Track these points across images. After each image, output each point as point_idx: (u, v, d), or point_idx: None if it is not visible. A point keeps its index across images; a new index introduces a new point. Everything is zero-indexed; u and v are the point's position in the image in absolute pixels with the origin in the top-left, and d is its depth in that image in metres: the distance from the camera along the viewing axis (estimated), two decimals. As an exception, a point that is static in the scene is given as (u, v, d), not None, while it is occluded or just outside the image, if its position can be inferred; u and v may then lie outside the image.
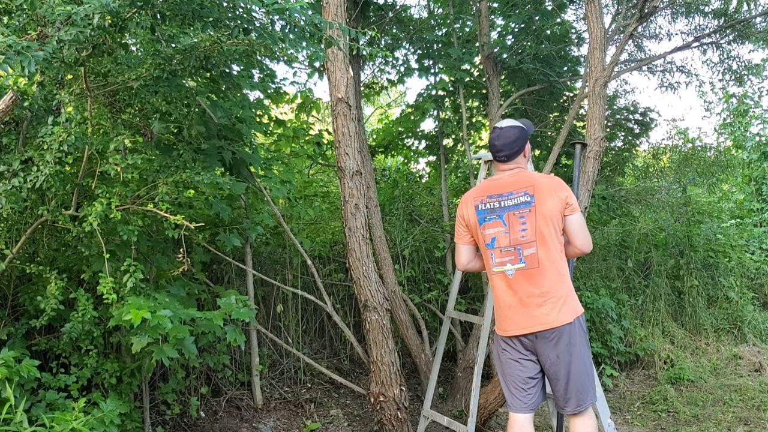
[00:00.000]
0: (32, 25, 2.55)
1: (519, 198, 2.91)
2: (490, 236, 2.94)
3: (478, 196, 3.01)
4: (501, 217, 2.92)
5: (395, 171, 7.08)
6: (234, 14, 2.94)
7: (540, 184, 2.92)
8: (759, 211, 9.93)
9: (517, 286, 2.88)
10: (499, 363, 3.05)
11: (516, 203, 2.91)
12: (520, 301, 2.86)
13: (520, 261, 2.87)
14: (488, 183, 3.04)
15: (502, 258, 2.91)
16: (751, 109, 10.71)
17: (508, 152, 2.99)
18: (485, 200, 2.98)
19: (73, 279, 3.49)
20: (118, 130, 3.12)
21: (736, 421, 4.53)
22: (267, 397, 4.79)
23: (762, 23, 5.29)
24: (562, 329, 2.83)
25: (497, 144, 3.00)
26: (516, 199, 2.92)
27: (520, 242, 2.88)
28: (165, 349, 3.13)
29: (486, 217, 2.95)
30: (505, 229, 2.91)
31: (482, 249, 3.02)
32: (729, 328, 6.66)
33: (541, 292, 2.84)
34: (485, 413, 4.21)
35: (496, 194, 2.96)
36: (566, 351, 2.85)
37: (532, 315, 2.84)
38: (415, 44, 6.04)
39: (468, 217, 3.01)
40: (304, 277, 5.23)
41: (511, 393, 2.99)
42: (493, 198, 2.96)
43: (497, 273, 2.93)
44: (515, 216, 2.89)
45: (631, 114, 6.28)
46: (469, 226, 3.02)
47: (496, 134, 3.02)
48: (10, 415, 2.80)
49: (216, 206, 3.94)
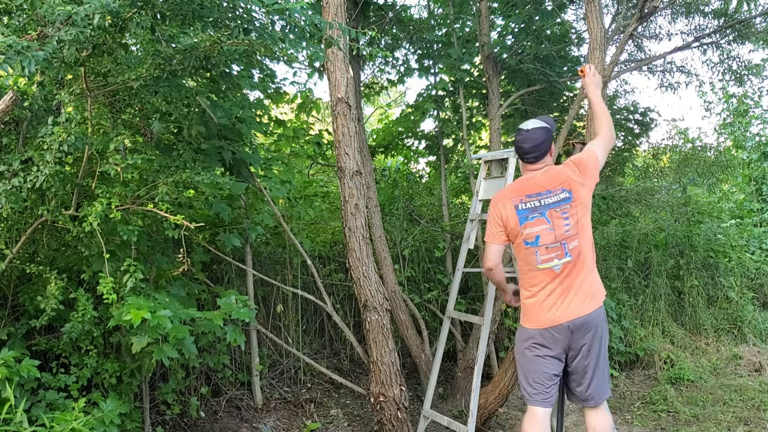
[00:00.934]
0: (32, 25, 2.55)
1: (558, 195, 3.00)
2: (534, 234, 2.99)
3: (516, 195, 3.05)
4: (543, 214, 2.99)
5: (395, 171, 7.08)
6: (234, 14, 2.94)
7: (571, 176, 3.04)
8: (759, 211, 9.93)
9: (563, 278, 2.96)
10: (524, 359, 3.08)
11: (556, 200, 2.99)
12: (564, 291, 2.95)
13: (566, 255, 2.97)
14: (522, 183, 3.10)
15: (549, 254, 2.98)
16: (751, 109, 10.71)
17: (537, 154, 3.07)
18: (524, 200, 3.02)
19: (73, 279, 3.49)
20: (118, 130, 3.13)
21: (736, 421, 4.53)
22: (267, 397, 4.79)
23: (762, 23, 5.29)
24: (597, 317, 2.97)
25: (525, 147, 3.06)
26: (556, 197, 3.00)
27: (565, 237, 2.98)
28: (165, 349, 3.13)
29: (528, 216, 3.00)
30: (549, 226, 2.98)
31: (519, 247, 3.04)
32: (729, 328, 6.66)
33: (583, 281, 2.97)
34: (485, 413, 4.21)
35: (534, 193, 3.02)
36: (597, 344, 2.99)
37: (575, 302, 2.95)
38: (415, 44, 6.04)
39: (507, 217, 3.03)
40: (304, 277, 5.23)
41: (533, 388, 3.05)
42: (533, 197, 3.02)
43: (543, 269, 2.98)
44: (557, 213, 2.98)
45: (631, 114, 6.28)
46: (508, 225, 3.04)
47: (523, 137, 3.07)
48: (10, 415, 2.80)
49: (216, 206, 3.94)
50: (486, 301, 3.97)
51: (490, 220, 3.11)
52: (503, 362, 4.27)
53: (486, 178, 4.28)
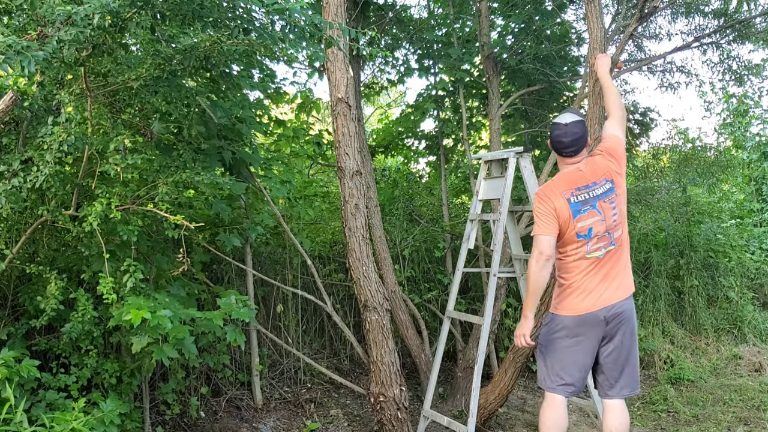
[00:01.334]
0: (32, 25, 2.55)
1: (604, 186, 3.08)
2: (587, 227, 3.03)
3: (567, 189, 3.07)
4: (594, 206, 3.04)
5: (395, 171, 7.08)
6: (234, 14, 2.94)
7: (611, 167, 3.12)
8: (759, 211, 9.92)
9: (604, 265, 3.04)
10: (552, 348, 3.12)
11: (604, 191, 3.07)
12: (603, 278, 3.03)
13: (611, 244, 3.06)
14: (567, 176, 3.13)
15: (598, 244, 3.05)
16: (751, 109, 10.70)
17: (576, 147, 3.11)
18: (575, 193, 3.06)
19: (73, 279, 3.49)
20: (118, 130, 3.12)
21: (736, 421, 4.53)
22: (267, 397, 4.79)
23: (762, 23, 5.28)
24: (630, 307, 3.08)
25: (565, 141, 3.09)
26: (602, 188, 3.07)
27: (613, 227, 3.06)
28: (165, 349, 3.13)
29: (581, 209, 3.04)
30: (601, 218, 3.04)
31: (570, 240, 3.06)
32: (729, 328, 6.66)
33: (621, 269, 3.08)
34: (485, 413, 4.21)
35: (583, 186, 3.07)
36: (629, 337, 3.07)
37: (611, 289, 3.03)
38: (415, 44, 6.04)
39: (561, 210, 3.03)
40: (304, 277, 5.23)
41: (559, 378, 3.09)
42: (582, 190, 3.06)
43: (590, 258, 3.05)
44: (606, 203, 3.06)
45: (631, 114, 6.27)
46: (561, 218, 3.04)
47: (563, 131, 3.10)
48: (10, 415, 2.80)
49: (216, 206, 3.94)
50: (486, 301, 3.97)
51: (542, 213, 3.07)
52: (503, 362, 4.27)
53: (486, 178, 4.28)
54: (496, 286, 3.97)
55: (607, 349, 3.07)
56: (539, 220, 3.10)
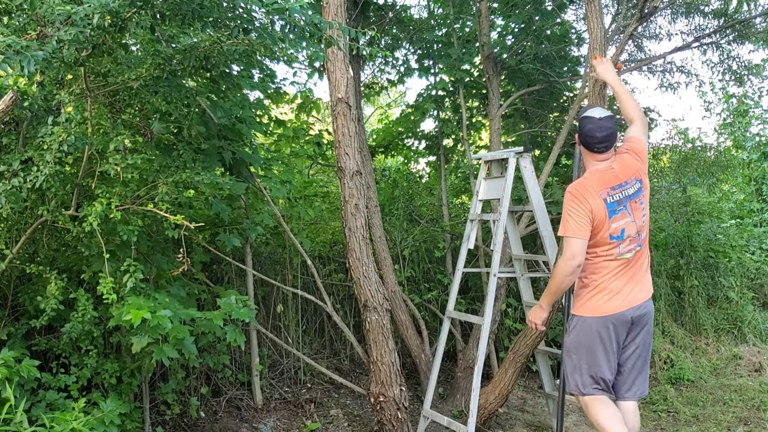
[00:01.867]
0: (32, 25, 2.55)
1: (635, 186, 3.02)
2: (619, 228, 2.95)
3: (602, 188, 2.97)
4: (626, 207, 2.97)
5: (395, 171, 7.08)
6: (234, 14, 2.94)
7: (639, 166, 3.07)
8: (759, 211, 9.93)
9: (631, 266, 3.01)
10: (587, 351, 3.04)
11: (634, 191, 3.00)
12: (630, 279, 3.00)
13: (639, 245, 3.02)
14: (601, 175, 3.03)
15: (629, 246, 2.99)
16: (751, 109, 10.70)
17: (608, 143, 3.04)
18: (611, 192, 2.97)
19: (73, 279, 3.49)
20: (118, 130, 3.12)
21: (736, 421, 4.53)
22: (267, 397, 4.79)
23: (762, 23, 5.28)
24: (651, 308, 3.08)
25: (599, 136, 3.01)
26: (633, 187, 3.01)
27: (641, 228, 3.02)
28: (165, 349, 3.13)
29: (615, 210, 2.96)
30: (631, 219, 2.98)
31: (601, 242, 2.97)
32: (729, 328, 6.65)
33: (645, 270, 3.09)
34: (485, 413, 4.21)
35: (617, 185, 2.99)
36: (648, 339, 3.08)
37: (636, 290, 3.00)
38: (415, 44, 6.04)
39: (597, 210, 2.93)
40: (304, 277, 5.23)
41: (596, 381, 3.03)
42: (616, 189, 2.98)
43: (621, 259, 2.99)
44: (636, 203, 3.00)
45: (631, 114, 6.27)
46: (596, 219, 2.93)
47: (597, 125, 3.02)
48: (10, 415, 2.80)
49: (216, 206, 3.94)
50: (486, 301, 3.97)
51: (576, 214, 2.95)
52: (503, 362, 4.27)
53: (486, 178, 4.28)
54: (496, 286, 3.97)
55: (629, 350, 3.04)
56: (573, 221, 2.96)
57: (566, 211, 3.00)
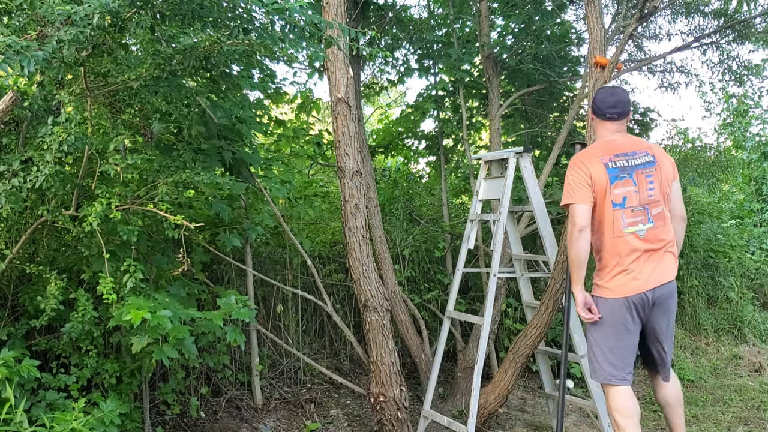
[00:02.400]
0: (32, 25, 2.55)
1: (643, 158, 2.97)
2: (621, 195, 2.92)
3: (604, 155, 2.96)
4: (631, 175, 2.94)
5: (395, 171, 7.08)
6: (234, 14, 2.94)
7: (655, 146, 3.06)
8: (759, 211, 9.93)
9: (647, 244, 2.93)
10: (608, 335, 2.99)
11: (642, 162, 2.96)
12: (650, 257, 2.93)
13: (649, 221, 2.94)
14: (606, 143, 3.02)
15: (634, 218, 2.93)
16: (751, 109, 10.71)
17: (621, 110, 3.03)
18: (613, 159, 2.95)
19: (73, 279, 3.49)
20: (118, 130, 3.12)
21: (736, 421, 4.53)
22: (267, 397, 4.79)
23: (762, 23, 5.29)
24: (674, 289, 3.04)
25: (611, 100, 3.01)
26: (641, 159, 2.97)
27: (649, 201, 2.94)
28: (165, 349, 3.13)
29: (618, 176, 2.93)
30: (635, 189, 2.93)
31: (605, 210, 2.94)
32: (729, 328, 6.66)
33: (665, 246, 2.97)
34: (485, 413, 4.21)
35: (622, 153, 2.96)
36: (672, 319, 3.06)
37: (658, 270, 2.94)
38: (415, 44, 6.04)
39: (597, 175, 2.91)
40: (304, 277, 5.23)
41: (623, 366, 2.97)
42: (620, 157, 2.95)
43: (628, 233, 2.93)
44: (643, 175, 2.95)
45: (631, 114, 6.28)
46: (597, 184, 2.92)
47: (609, 91, 3.06)
48: (10, 415, 2.80)
49: (216, 206, 3.94)
50: (486, 301, 3.97)
51: (576, 180, 2.95)
52: (503, 362, 4.27)
53: (486, 179, 4.28)
54: (496, 286, 3.97)
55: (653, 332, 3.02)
56: (572, 189, 2.95)
57: (567, 180, 3.00)
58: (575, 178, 2.96)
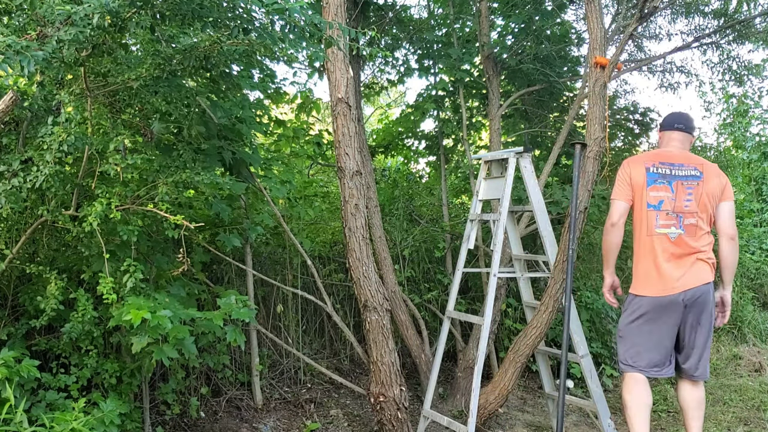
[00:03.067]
0: (32, 25, 2.55)
1: (689, 171, 3.26)
2: (657, 198, 3.23)
3: (650, 160, 3.29)
4: (670, 183, 3.23)
5: (395, 171, 7.08)
6: (234, 14, 2.94)
7: (707, 165, 3.30)
8: (759, 211, 9.93)
9: (677, 248, 3.21)
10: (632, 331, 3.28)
11: (686, 175, 3.25)
12: (679, 262, 3.19)
13: (680, 228, 3.22)
14: (659, 151, 3.36)
15: (667, 221, 3.22)
16: (751, 109, 10.71)
17: (686, 124, 3.38)
18: (657, 165, 3.26)
19: (73, 279, 3.49)
20: (118, 130, 3.12)
21: (736, 421, 4.53)
22: (267, 397, 4.79)
23: (762, 23, 5.28)
24: (709, 291, 3.19)
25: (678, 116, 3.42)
26: (686, 171, 3.25)
27: (683, 211, 3.22)
28: (165, 349, 3.13)
29: (656, 180, 3.24)
30: (672, 196, 3.22)
31: (640, 208, 3.26)
32: (729, 328, 6.65)
33: (696, 253, 3.22)
34: (485, 413, 4.21)
35: (668, 162, 3.27)
36: (707, 320, 3.21)
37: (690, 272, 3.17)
38: (415, 44, 6.04)
39: (636, 176, 3.26)
40: (304, 277, 5.23)
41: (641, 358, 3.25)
42: (665, 165, 3.26)
43: (659, 234, 3.22)
44: (683, 186, 3.24)
45: (631, 114, 6.28)
46: (635, 184, 3.26)
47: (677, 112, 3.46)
48: (10, 415, 2.80)
49: (216, 206, 3.94)
50: (486, 301, 3.97)
51: (619, 180, 3.32)
52: (503, 362, 4.27)
53: (486, 179, 4.28)
54: (496, 286, 3.97)
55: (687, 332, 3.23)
56: (616, 186, 3.34)
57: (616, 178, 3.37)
58: (619, 176, 3.32)
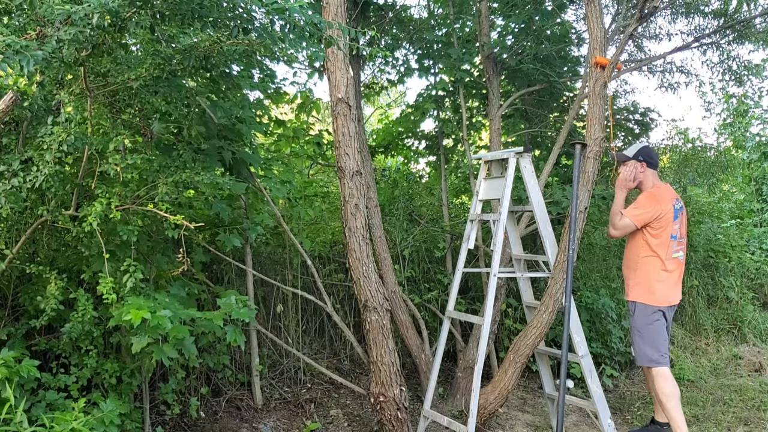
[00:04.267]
0: (32, 25, 2.55)
1: (681, 203, 4.06)
2: (677, 230, 3.96)
3: (672, 197, 4.00)
4: (677, 216, 3.97)
5: (395, 171, 7.08)
6: (234, 14, 2.94)
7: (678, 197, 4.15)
8: (759, 211, 9.93)
9: (681, 268, 4.03)
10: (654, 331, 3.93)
11: (681, 207, 4.04)
12: (679, 278, 4.00)
13: (683, 252, 4.04)
14: (667, 188, 4.08)
15: (679, 246, 3.99)
16: (751, 109, 10.71)
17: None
18: (675, 202, 3.98)
19: (73, 279, 3.48)
20: (118, 130, 3.12)
21: (736, 421, 4.53)
22: (267, 397, 4.79)
23: (762, 23, 5.28)
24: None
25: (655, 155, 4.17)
26: (680, 204, 4.05)
27: (683, 236, 4.05)
28: (165, 349, 3.13)
29: (677, 215, 3.97)
30: (680, 226, 3.99)
31: (666, 238, 3.91)
32: (729, 328, 6.66)
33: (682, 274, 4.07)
34: (485, 413, 4.21)
35: (677, 199, 4.03)
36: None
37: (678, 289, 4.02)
38: (415, 44, 6.04)
39: (667, 213, 3.91)
40: (304, 277, 5.23)
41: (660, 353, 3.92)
42: (678, 201, 4.02)
43: (674, 258, 3.96)
44: (682, 215, 4.04)
45: (631, 114, 6.28)
46: (665, 221, 3.89)
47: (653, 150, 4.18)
48: (10, 415, 2.79)
49: (216, 206, 3.94)
50: (486, 301, 3.97)
51: (652, 210, 3.89)
52: (503, 362, 4.27)
53: (486, 179, 4.28)
54: (496, 286, 3.97)
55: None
56: (641, 211, 3.92)
57: (642, 204, 3.95)
58: (653, 208, 3.90)
